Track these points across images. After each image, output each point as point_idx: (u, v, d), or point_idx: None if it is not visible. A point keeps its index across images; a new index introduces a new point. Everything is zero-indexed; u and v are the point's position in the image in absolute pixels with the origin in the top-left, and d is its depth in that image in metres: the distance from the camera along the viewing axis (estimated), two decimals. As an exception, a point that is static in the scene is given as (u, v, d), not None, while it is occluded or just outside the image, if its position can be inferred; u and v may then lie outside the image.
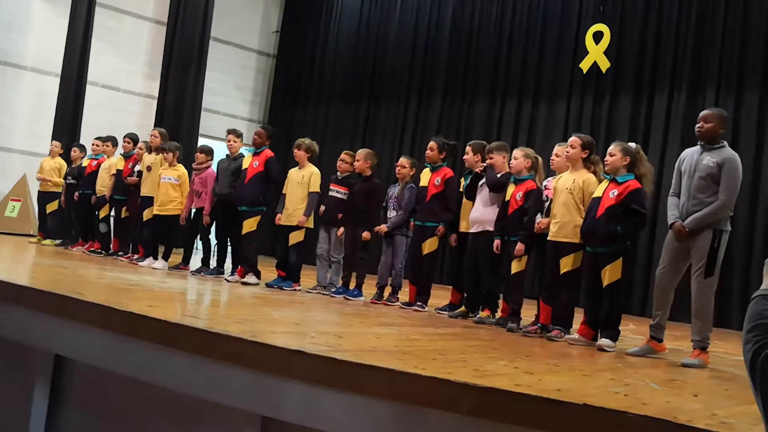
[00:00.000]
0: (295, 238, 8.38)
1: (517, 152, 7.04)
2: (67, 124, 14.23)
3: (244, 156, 8.94)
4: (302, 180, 8.44)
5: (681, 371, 5.18)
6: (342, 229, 8.27)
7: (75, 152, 11.75)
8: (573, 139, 6.49)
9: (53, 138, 13.29)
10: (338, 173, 8.53)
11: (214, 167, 9.52)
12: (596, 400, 3.22)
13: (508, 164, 7.18)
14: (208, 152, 9.62)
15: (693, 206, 5.62)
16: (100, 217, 10.81)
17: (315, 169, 8.53)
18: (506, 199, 6.98)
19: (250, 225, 8.52)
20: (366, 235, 8.07)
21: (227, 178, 8.94)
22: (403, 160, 8.19)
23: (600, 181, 6.22)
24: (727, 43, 11.38)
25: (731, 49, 11.33)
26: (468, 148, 7.74)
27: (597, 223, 5.92)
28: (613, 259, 5.90)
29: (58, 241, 11.57)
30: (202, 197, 9.35)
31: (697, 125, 5.79)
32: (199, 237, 9.68)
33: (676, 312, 5.88)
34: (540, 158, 7.17)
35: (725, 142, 5.76)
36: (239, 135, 9.19)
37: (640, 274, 11.32)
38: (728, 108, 11.01)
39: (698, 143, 5.82)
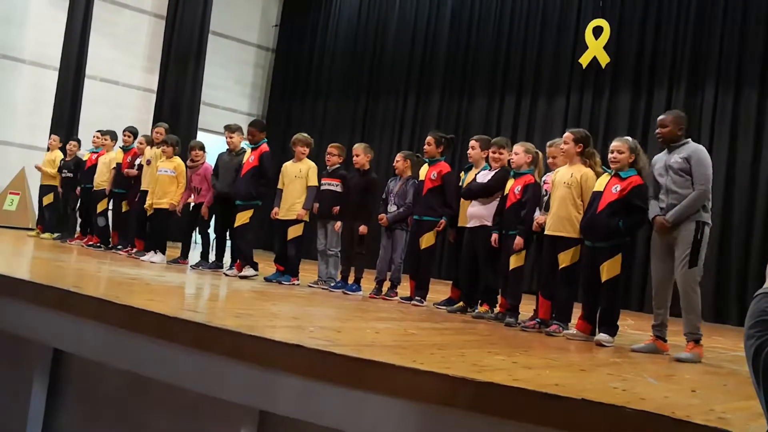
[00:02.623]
0: (294, 232, 8.38)
1: (518, 147, 7.02)
2: (65, 117, 14.23)
3: (246, 151, 8.90)
4: (299, 173, 8.44)
5: (679, 366, 5.18)
6: (339, 224, 8.26)
7: (71, 145, 11.74)
8: (566, 134, 6.53)
9: (51, 131, 13.29)
10: (328, 167, 8.54)
11: (209, 161, 9.51)
12: (594, 395, 3.22)
13: (507, 160, 7.18)
14: (202, 147, 9.62)
15: (673, 200, 5.76)
16: (98, 210, 10.80)
17: (312, 163, 8.54)
18: (505, 193, 6.97)
19: (242, 218, 8.55)
20: (363, 229, 8.07)
21: (229, 174, 8.91)
22: (397, 156, 8.19)
23: (598, 175, 6.23)
24: (726, 38, 11.38)
25: (730, 44, 11.33)
26: (474, 143, 7.72)
27: (598, 218, 5.92)
28: (612, 254, 5.90)
29: (56, 235, 11.57)
30: (201, 193, 9.34)
31: (656, 132, 6.00)
32: (198, 231, 9.67)
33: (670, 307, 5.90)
34: (540, 153, 7.17)
35: (688, 139, 5.94)
36: (234, 130, 9.11)
37: (637, 269, 11.32)
38: (727, 104, 11.06)
39: (665, 146, 5.98)
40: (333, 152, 8.53)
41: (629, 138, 6.28)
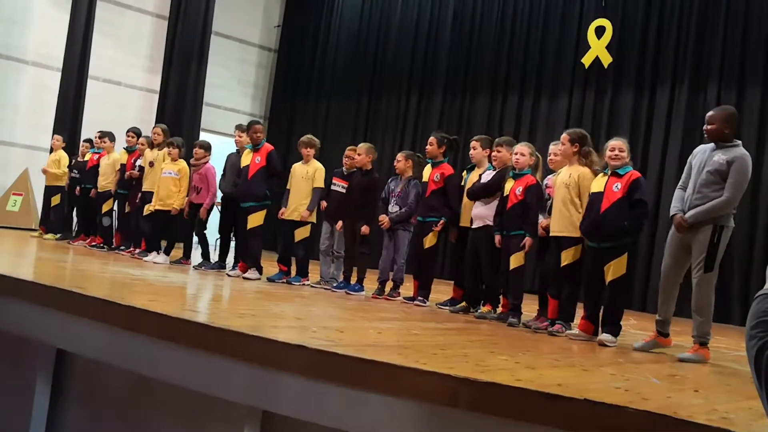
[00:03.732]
0: (301, 234, 8.39)
1: (524, 149, 6.97)
2: (68, 118, 14.25)
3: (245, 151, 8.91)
4: (307, 175, 8.46)
5: (682, 366, 5.18)
6: (340, 223, 8.27)
7: (83, 147, 11.75)
8: (563, 135, 6.55)
9: (54, 132, 13.31)
10: (343, 168, 8.55)
11: (212, 162, 9.51)
12: (597, 395, 3.22)
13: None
14: (207, 148, 9.62)
15: (696, 200, 5.61)
16: (103, 211, 10.81)
17: (319, 165, 8.56)
18: (505, 194, 6.98)
19: (256, 219, 8.49)
20: (365, 229, 8.07)
21: (231, 176, 8.92)
22: (398, 155, 8.20)
23: (595, 174, 6.22)
24: (729, 38, 11.37)
25: (733, 44, 11.32)
26: (475, 143, 7.73)
27: (603, 219, 5.90)
28: (618, 254, 5.89)
29: (58, 235, 11.59)
30: (201, 193, 9.35)
31: (704, 128, 5.79)
32: (195, 232, 9.66)
33: (679, 308, 5.88)
34: (540, 157, 7.18)
35: (739, 142, 5.72)
36: (244, 130, 9.14)
37: (641, 269, 11.32)
38: (730, 103, 10.98)
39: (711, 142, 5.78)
40: (351, 155, 8.53)
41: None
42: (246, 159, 8.68)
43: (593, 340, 5.86)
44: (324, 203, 8.55)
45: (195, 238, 9.68)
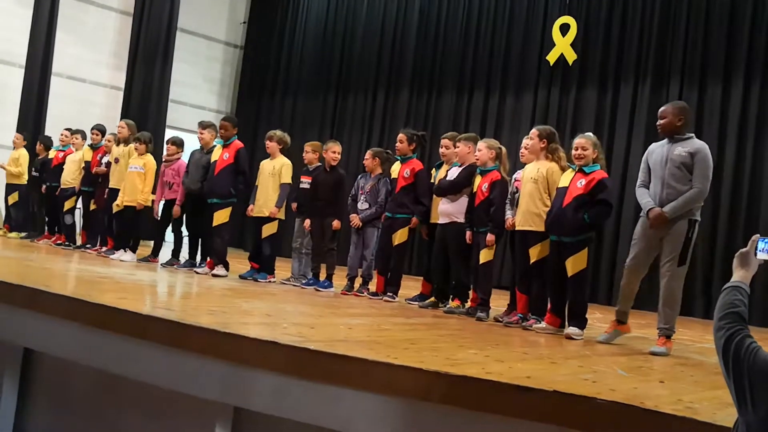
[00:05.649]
0: (269, 230, 8.37)
1: (481, 144, 7.11)
2: (31, 115, 14.06)
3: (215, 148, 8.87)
4: (273, 171, 8.44)
5: (647, 358, 5.27)
6: (307, 222, 8.27)
7: (41, 145, 11.63)
8: (532, 131, 6.64)
9: (18, 130, 13.14)
10: (308, 165, 8.56)
11: (185, 159, 9.48)
12: (566, 387, 3.27)
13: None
14: (179, 144, 9.55)
15: (668, 195, 5.65)
16: (66, 208, 10.70)
17: (286, 161, 8.54)
18: (473, 191, 7.04)
19: (221, 217, 8.46)
20: (336, 224, 8.07)
21: (198, 172, 8.86)
22: (366, 154, 8.24)
23: (563, 170, 6.31)
24: (690, 35, 11.54)
25: (695, 41, 11.49)
26: (446, 141, 7.77)
27: (564, 213, 5.99)
28: (578, 249, 5.98)
29: (23, 234, 11.45)
30: (173, 189, 9.28)
31: (657, 123, 5.90)
32: (170, 229, 9.60)
33: (642, 300, 5.97)
34: (504, 148, 7.24)
35: (692, 135, 5.82)
36: (206, 126, 9.10)
37: (605, 263, 11.45)
38: (691, 100, 11.18)
39: (665, 137, 5.87)
40: (308, 150, 8.55)
41: (591, 134, 6.38)
42: (216, 155, 8.66)
43: (560, 334, 5.93)
44: (294, 204, 8.55)
45: (171, 236, 9.61)
